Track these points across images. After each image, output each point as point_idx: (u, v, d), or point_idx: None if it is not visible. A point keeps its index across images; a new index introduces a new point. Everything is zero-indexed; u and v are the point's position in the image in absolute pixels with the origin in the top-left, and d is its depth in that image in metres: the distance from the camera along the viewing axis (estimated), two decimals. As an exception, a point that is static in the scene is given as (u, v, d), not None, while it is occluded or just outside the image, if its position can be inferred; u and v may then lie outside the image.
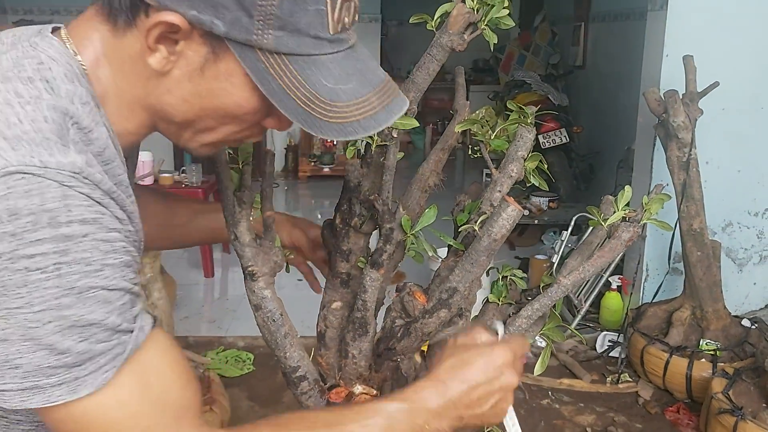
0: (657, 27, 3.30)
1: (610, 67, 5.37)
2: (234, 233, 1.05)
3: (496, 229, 1.00)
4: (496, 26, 1.08)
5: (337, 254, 1.16)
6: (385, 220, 1.04)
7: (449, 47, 1.05)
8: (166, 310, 2.65)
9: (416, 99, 1.10)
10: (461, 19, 1.03)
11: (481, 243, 1.02)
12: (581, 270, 1.05)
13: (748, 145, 3.36)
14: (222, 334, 3.59)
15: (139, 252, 0.79)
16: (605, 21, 5.53)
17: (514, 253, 4.82)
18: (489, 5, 1.02)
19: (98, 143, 0.73)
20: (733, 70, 3.20)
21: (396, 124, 1.02)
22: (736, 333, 3.03)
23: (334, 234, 1.16)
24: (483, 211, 1.09)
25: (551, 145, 5.30)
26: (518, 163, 1.09)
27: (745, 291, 3.55)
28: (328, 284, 1.19)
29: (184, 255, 4.79)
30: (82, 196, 0.67)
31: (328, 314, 1.19)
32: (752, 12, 3.23)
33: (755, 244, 3.51)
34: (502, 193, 1.11)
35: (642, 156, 3.51)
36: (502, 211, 0.99)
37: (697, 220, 2.97)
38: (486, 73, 9.21)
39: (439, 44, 1.05)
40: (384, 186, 1.06)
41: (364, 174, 1.11)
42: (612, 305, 3.58)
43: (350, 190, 1.12)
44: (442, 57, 1.06)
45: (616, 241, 1.03)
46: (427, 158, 1.24)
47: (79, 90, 0.73)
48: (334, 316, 1.18)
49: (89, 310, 0.68)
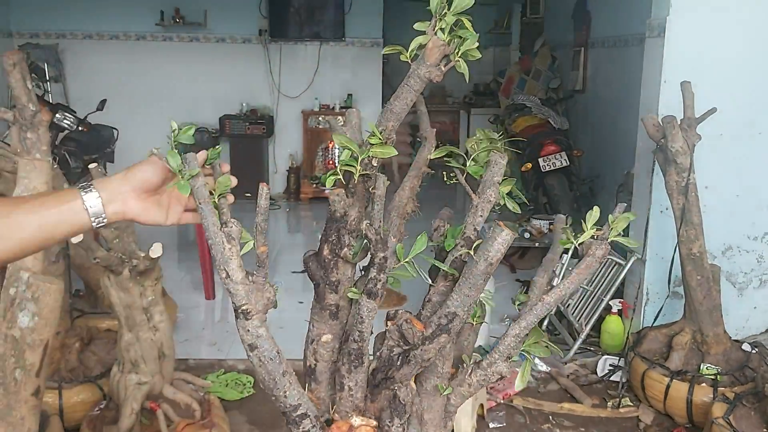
0: (655, 53, 3.34)
1: (610, 92, 5.42)
2: (225, 271, 1.03)
3: (492, 253, 1.04)
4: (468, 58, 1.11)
5: (326, 286, 1.14)
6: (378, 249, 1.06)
7: (427, 78, 1.07)
8: (167, 333, 2.65)
9: (395, 128, 1.13)
10: (437, 51, 1.06)
11: (479, 267, 1.05)
12: (562, 287, 1.09)
13: (747, 170, 3.39)
14: (222, 357, 3.59)
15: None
16: (604, 46, 5.59)
17: (515, 276, 4.83)
18: (461, 38, 1.06)
19: None
20: (730, 97, 3.24)
21: (374, 152, 1.04)
22: (736, 357, 3.03)
23: (323, 266, 1.15)
24: (468, 236, 1.13)
25: (551, 168, 5.34)
26: (495, 188, 1.13)
27: (745, 315, 3.55)
28: (315, 317, 1.18)
29: (185, 277, 4.80)
30: None
31: (319, 348, 1.17)
32: (748, 39, 3.27)
33: (755, 268, 3.52)
34: (483, 217, 1.14)
35: (641, 180, 3.53)
36: (497, 236, 1.02)
37: (696, 244, 2.98)
38: (486, 97, 9.28)
39: (417, 75, 1.07)
40: (375, 215, 1.07)
41: (350, 204, 1.12)
42: (613, 329, 3.58)
43: (336, 220, 1.12)
44: (419, 87, 1.09)
45: (591, 258, 1.08)
46: (402, 185, 1.26)
47: None
48: (325, 350, 1.16)
49: None
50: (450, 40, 1.05)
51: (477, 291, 1.10)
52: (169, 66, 7.32)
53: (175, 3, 7.11)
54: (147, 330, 2.53)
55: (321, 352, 1.17)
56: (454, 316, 1.12)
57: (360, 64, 7.53)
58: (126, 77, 7.24)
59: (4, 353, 1.88)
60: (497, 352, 1.14)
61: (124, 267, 2.44)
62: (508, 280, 4.70)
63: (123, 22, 7.18)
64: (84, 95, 6.80)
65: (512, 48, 8.86)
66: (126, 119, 6.51)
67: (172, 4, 7.11)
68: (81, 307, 3.37)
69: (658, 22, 3.31)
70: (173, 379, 2.69)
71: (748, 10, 3.25)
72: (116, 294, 2.47)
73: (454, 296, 1.11)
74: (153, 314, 2.56)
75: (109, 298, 2.50)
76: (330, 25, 7.31)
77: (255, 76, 7.39)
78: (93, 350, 3.02)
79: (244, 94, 7.37)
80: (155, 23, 7.13)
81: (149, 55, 7.29)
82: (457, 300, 1.10)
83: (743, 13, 3.25)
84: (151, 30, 7.22)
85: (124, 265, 2.44)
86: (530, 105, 5.99)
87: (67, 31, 7.11)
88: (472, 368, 1.18)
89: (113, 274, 2.44)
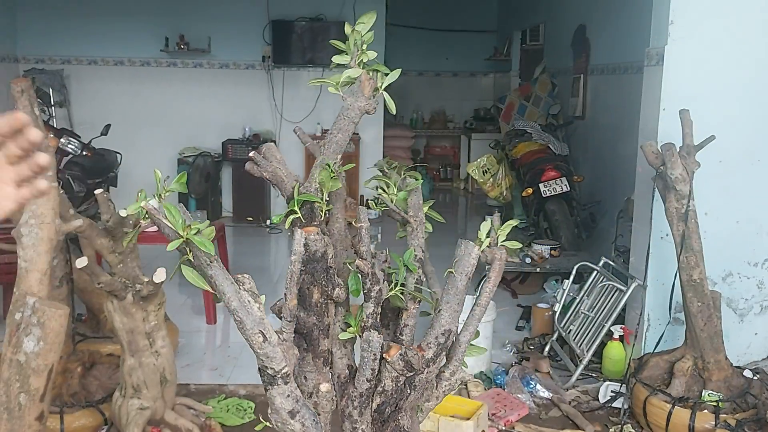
0: (654, 82, 3.39)
1: (609, 119, 5.47)
2: (262, 334, 0.99)
3: (469, 268, 1.10)
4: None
5: (320, 332, 1.11)
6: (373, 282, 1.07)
7: (365, 110, 1.11)
8: (170, 358, 2.66)
9: (338, 158, 1.16)
10: (369, 84, 1.11)
11: (460, 282, 1.10)
12: (488, 291, 1.14)
13: (746, 196, 3.41)
14: (223, 382, 3.58)
15: None
16: (604, 74, 5.65)
17: (516, 301, 4.83)
18: (384, 73, 1.11)
19: None
20: (728, 124, 3.28)
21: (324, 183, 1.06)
22: (738, 384, 3.03)
23: (314, 311, 1.11)
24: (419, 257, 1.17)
25: (552, 193, 5.36)
26: (421, 209, 1.18)
27: (746, 341, 3.55)
28: (308, 368, 1.14)
29: (186, 301, 4.80)
30: None
31: (320, 400, 1.13)
32: (746, 68, 3.32)
33: (755, 294, 3.53)
34: (422, 237, 1.19)
35: (641, 206, 3.56)
36: (470, 252, 1.09)
37: (696, 270, 3.00)
38: (487, 122, 9.36)
39: (357, 108, 1.11)
40: (365, 249, 1.08)
41: (327, 242, 1.10)
42: (614, 355, 3.58)
43: (317, 260, 1.10)
44: (357, 119, 1.12)
45: (496, 262, 1.16)
46: (335, 217, 1.27)
47: None
48: (327, 400, 1.13)
49: None
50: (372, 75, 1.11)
51: (461, 304, 1.15)
52: (173, 91, 7.40)
53: (179, 29, 7.21)
54: (149, 355, 2.54)
55: (323, 404, 1.13)
56: (449, 333, 1.15)
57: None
58: (130, 102, 7.31)
59: (9, 378, 1.89)
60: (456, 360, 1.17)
61: (127, 292, 2.45)
62: (509, 305, 4.71)
63: (128, 47, 7.27)
64: (88, 120, 6.87)
65: (512, 74, 8.96)
66: (130, 144, 6.57)
67: (177, 31, 7.21)
68: (83, 331, 3.38)
69: (657, 51, 3.36)
70: (175, 404, 2.69)
71: (746, 40, 3.30)
72: (119, 319, 2.49)
73: (444, 314, 1.14)
74: (155, 339, 2.57)
75: (113, 323, 2.51)
76: (332, 51, 7.38)
77: (258, 101, 7.47)
78: (95, 375, 3.03)
79: (246, 119, 7.43)
80: (160, 49, 7.21)
81: (153, 80, 7.37)
82: (449, 316, 1.13)
83: (741, 42, 3.30)
84: (155, 56, 7.31)
85: (127, 289, 2.45)
86: (531, 131, 6.04)
87: (72, 57, 7.19)
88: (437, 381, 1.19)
89: (117, 299, 2.46)
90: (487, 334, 3.65)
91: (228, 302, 0.97)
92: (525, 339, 4.12)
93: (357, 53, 1.10)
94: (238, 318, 0.97)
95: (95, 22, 7.09)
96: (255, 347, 0.97)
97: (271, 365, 0.97)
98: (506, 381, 3.47)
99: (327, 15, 7.41)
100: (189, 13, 7.21)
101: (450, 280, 1.11)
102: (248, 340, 0.98)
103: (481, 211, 7.92)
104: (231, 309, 0.97)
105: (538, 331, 4.17)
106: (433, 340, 1.11)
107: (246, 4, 7.27)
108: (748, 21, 3.30)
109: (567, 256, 4.90)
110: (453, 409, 3.04)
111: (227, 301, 0.97)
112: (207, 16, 7.20)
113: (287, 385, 0.98)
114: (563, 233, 5.34)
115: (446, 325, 1.11)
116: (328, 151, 1.10)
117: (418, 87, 10.20)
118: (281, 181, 1.14)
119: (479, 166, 6.68)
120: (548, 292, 4.71)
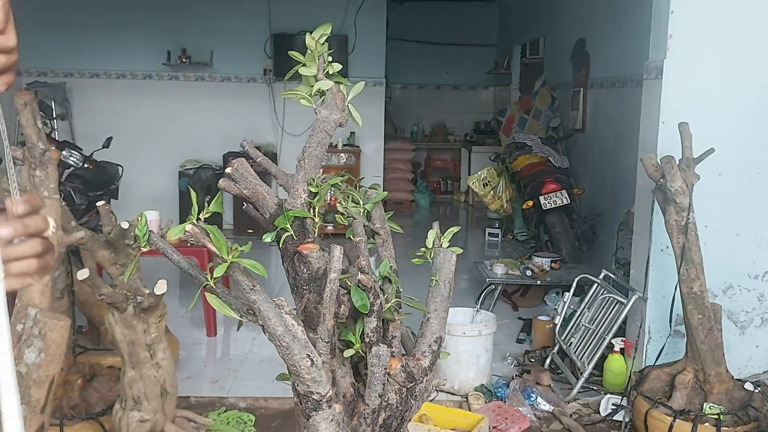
0: (653, 95, 3.41)
1: (609, 131, 5.49)
2: (310, 358, 0.95)
3: (450, 275, 1.15)
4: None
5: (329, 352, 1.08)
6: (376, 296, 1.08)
7: (339, 122, 1.12)
8: (170, 370, 2.66)
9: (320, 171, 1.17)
10: (339, 96, 1.12)
11: (444, 289, 1.12)
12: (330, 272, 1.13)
13: (746, 209, 3.42)
14: (224, 395, 3.58)
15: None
16: (603, 87, 5.68)
17: (517, 314, 4.83)
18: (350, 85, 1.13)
19: None
20: (727, 137, 3.29)
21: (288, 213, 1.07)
22: (739, 397, 3.02)
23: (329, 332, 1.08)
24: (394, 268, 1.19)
25: (552, 206, 5.37)
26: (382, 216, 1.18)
27: (747, 354, 3.54)
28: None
29: (186, 314, 4.80)
30: None
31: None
32: (745, 81, 3.34)
33: (756, 306, 3.53)
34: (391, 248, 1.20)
35: (641, 219, 3.56)
36: (447, 259, 1.10)
37: (697, 283, 3.00)
38: (487, 135, 9.40)
39: (332, 120, 1.12)
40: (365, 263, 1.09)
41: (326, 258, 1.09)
42: (615, 368, 3.57)
43: (319, 278, 1.09)
44: (332, 131, 1.13)
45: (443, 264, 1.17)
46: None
47: None
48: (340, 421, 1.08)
49: None
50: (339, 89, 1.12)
51: (447, 311, 1.17)
52: (174, 104, 7.43)
53: (181, 43, 7.25)
54: (150, 367, 2.54)
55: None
56: (441, 339, 1.17)
57: (363, 103, 7.54)
58: (132, 115, 7.34)
59: (9, 389, 1.89)
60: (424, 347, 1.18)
61: (128, 304, 2.46)
62: (510, 317, 4.70)
63: (130, 61, 7.31)
64: (90, 132, 6.90)
65: (512, 88, 9.00)
66: (131, 156, 6.59)
67: (179, 44, 7.25)
68: (84, 343, 3.38)
69: (656, 65, 3.38)
70: (175, 416, 2.69)
71: (744, 53, 3.32)
72: (120, 330, 2.49)
73: (434, 321, 1.15)
74: (156, 351, 2.57)
75: (113, 335, 2.51)
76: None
77: (259, 114, 7.50)
78: (95, 387, 3.02)
79: (248, 131, 7.46)
80: (162, 62, 7.25)
81: (155, 93, 7.41)
82: (438, 323, 1.15)
83: (739, 55, 3.32)
84: (157, 69, 7.35)
85: (128, 301, 2.46)
86: (531, 144, 6.06)
87: (74, 70, 7.24)
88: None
89: (118, 311, 2.46)
90: (487, 346, 3.65)
91: (273, 328, 0.93)
92: (526, 352, 4.11)
93: (323, 65, 1.10)
94: (284, 343, 0.93)
95: (98, 36, 7.14)
96: (303, 372, 0.93)
97: (318, 390, 0.94)
98: (507, 394, 3.46)
99: (328, 29, 7.46)
100: (191, 26, 7.26)
101: (434, 289, 1.12)
102: (294, 366, 0.93)
103: (482, 223, 7.92)
104: (276, 335, 0.93)
105: (539, 343, 4.16)
106: (427, 348, 1.12)
107: (248, 18, 7.32)
108: (747, 35, 3.32)
109: (567, 268, 4.90)
110: (454, 422, 3.03)
111: (272, 328, 0.93)
112: (209, 30, 7.25)
113: (330, 409, 0.95)
114: (564, 246, 5.35)
115: (437, 332, 1.13)
116: (309, 166, 1.10)
117: (418, 100, 10.24)
118: (262, 198, 1.10)
119: (480, 179, 6.70)
120: (549, 304, 4.71)
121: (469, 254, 7.18)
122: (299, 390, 0.98)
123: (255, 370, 3.90)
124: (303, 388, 0.95)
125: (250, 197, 1.12)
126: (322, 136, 1.11)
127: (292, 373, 0.99)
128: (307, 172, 1.11)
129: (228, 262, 0.95)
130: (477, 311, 3.91)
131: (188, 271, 1.02)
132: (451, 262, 1.13)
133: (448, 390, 3.60)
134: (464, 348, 3.57)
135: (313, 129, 1.12)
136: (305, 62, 1.15)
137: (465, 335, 3.57)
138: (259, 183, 1.11)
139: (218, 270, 0.96)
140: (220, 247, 0.96)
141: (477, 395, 3.48)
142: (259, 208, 1.13)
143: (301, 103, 1.20)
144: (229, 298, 1.03)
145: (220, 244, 0.96)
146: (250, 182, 1.10)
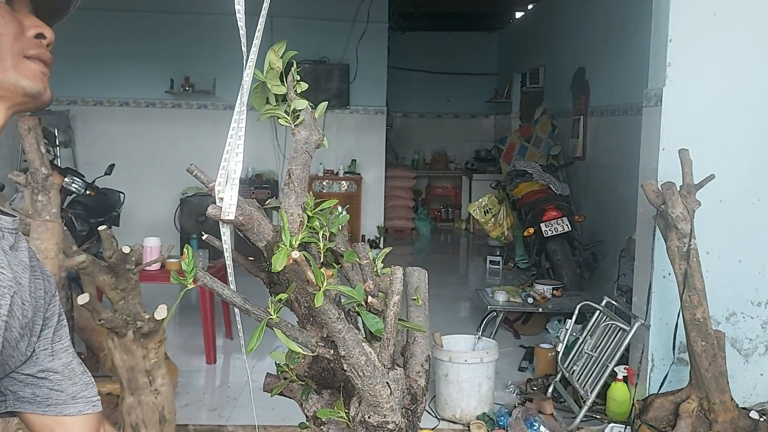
0: (653, 122, 3.42)
1: (610, 159, 5.51)
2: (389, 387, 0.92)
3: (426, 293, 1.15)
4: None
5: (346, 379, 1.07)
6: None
7: (319, 142, 1.12)
8: (169, 397, 2.64)
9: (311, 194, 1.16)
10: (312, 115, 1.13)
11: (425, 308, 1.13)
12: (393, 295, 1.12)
13: (748, 235, 3.41)
14: (223, 423, 3.53)
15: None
16: (603, 115, 5.72)
17: (519, 342, 4.79)
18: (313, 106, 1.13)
19: None
20: (728, 163, 3.30)
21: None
22: (744, 426, 2.98)
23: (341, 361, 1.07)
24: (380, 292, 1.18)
25: (553, 233, 5.37)
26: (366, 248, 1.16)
27: (752, 382, 3.50)
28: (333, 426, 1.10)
29: (186, 341, 4.77)
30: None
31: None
32: (744, 107, 3.36)
33: (760, 334, 3.50)
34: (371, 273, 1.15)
35: (643, 246, 3.56)
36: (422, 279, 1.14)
37: (699, 309, 2.98)
38: (488, 163, 9.43)
39: (313, 141, 1.12)
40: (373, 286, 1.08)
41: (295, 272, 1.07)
42: (618, 396, 3.54)
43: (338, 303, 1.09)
44: (313, 151, 1.13)
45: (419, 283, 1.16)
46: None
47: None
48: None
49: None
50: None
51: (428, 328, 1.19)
52: (177, 132, 7.47)
53: (185, 72, 7.32)
54: (149, 393, 2.52)
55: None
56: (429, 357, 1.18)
57: (364, 131, 7.69)
58: (134, 142, 7.38)
59: (6, 415, 1.87)
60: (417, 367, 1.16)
61: (128, 329, 2.44)
62: (512, 345, 4.67)
63: (133, 89, 7.37)
64: (93, 160, 6.93)
65: (513, 116, 9.07)
66: (133, 184, 6.61)
67: (182, 73, 7.32)
68: (82, 370, 3.35)
69: (655, 92, 3.41)
70: (173, 444, 2.65)
71: (742, 80, 3.35)
72: (119, 356, 2.47)
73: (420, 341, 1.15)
74: (155, 377, 2.55)
75: (113, 360, 2.50)
76: (335, 93, 7.50)
77: (261, 141, 7.54)
78: (93, 414, 2.99)
79: (249, 159, 7.49)
80: (165, 90, 7.32)
81: (158, 121, 7.46)
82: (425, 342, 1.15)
83: (738, 82, 3.35)
84: (161, 97, 7.41)
85: (128, 326, 2.44)
86: (531, 171, 6.08)
87: (78, 98, 7.29)
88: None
89: (117, 336, 2.45)
90: (489, 374, 3.62)
91: (357, 359, 0.90)
92: (528, 380, 4.07)
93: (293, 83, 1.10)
94: (367, 373, 0.90)
95: (101, 64, 7.21)
96: (382, 402, 0.90)
97: (393, 419, 0.91)
98: (509, 422, 3.42)
99: (330, 58, 7.54)
100: (194, 55, 7.34)
101: (417, 309, 1.12)
102: (375, 397, 0.90)
103: (483, 251, 7.91)
104: (359, 366, 0.90)
105: (541, 371, 4.12)
106: (420, 368, 1.10)
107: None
108: (745, 62, 3.35)
109: (569, 295, 4.88)
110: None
111: (356, 358, 0.90)
112: (212, 59, 7.32)
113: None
114: (565, 273, 5.33)
115: (426, 351, 1.12)
116: (300, 189, 1.08)
117: (419, 128, 10.30)
118: (258, 225, 1.06)
119: (481, 206, 6.70)
120: (551, 332, 4.68)
121: (470, 281, 7.14)
122: (371, 421, 0.94)
123: (254, 398, 3.86)
124: (378, 419, 0.92)
125: (243, 224, 1.07)
126: (305, 158, 1.10)
127: (370, 405, 0.95)
128: (299, 196, 1.08)
129: (321, 290, 0.91)
130: (478, 338, 3.88)
131: (244, 307, 0.99)
132: (425, 281, 1.14)
133: (450, 419, 3.56)
134: (466, 375, 3.54)
135: (295, 151, 1.11)
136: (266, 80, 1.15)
137: (467, 362, 3.54)
138: (254, 208, 1.07)
139: (317, 299, 0.92)
140: (316, 275, 0.93)
141: (479, 424, 3.44)
142: (252, 236, 1.08)
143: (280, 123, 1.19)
144: (294, 331, 0.99)
145: (317, 272, 0.93)
146: (244, 208, 1.07)
